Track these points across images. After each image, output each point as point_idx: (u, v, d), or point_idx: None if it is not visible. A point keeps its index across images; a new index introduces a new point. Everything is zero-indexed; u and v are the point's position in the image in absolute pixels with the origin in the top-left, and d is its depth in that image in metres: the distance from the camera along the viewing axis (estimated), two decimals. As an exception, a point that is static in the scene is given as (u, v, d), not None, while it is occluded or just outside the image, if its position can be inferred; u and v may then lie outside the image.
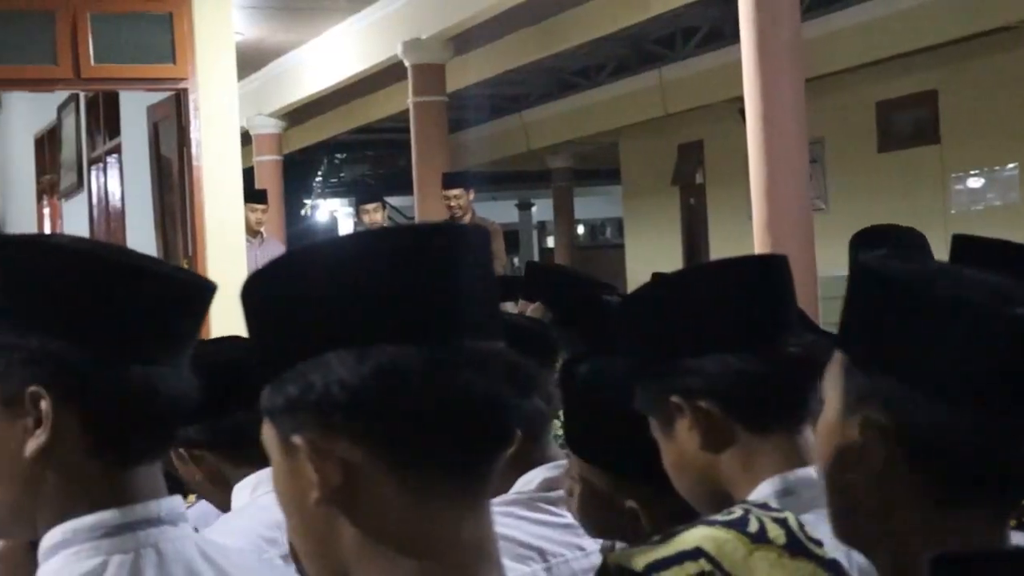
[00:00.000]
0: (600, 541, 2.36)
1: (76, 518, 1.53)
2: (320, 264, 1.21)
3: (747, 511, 1.57)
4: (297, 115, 16.91)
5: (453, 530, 1.18)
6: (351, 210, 25.40)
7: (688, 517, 2.16)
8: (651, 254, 17.64)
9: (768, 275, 2.03)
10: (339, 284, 1.18)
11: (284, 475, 1.23)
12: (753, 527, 1.53)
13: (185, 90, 8.32)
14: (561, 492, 2.39)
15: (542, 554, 2.43)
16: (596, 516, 2.22)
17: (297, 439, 1.18)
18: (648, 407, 2.02)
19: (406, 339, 1.16)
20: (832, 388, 1.42)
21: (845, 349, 1.41)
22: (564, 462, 2.44)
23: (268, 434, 1.23)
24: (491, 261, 1.26)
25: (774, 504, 1.71)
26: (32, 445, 1.51)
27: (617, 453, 2.18)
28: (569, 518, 2.38)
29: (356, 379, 1.15)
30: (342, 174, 24.03)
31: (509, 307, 4.94)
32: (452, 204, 9.86)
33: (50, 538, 1.54)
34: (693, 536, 1.52)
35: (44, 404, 1.51)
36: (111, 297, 1.53)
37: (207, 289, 1.62)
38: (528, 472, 2.51)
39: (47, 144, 12.83)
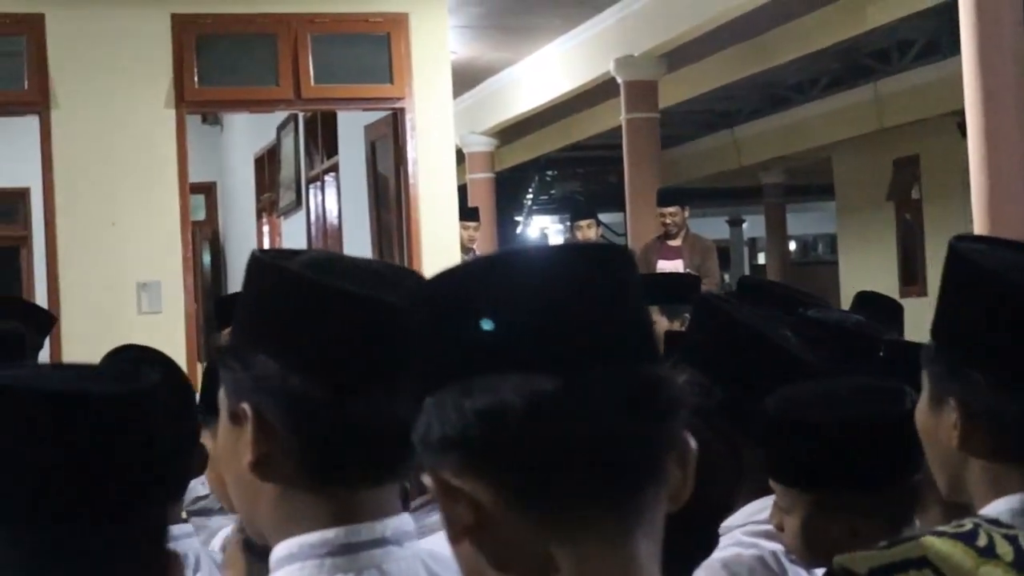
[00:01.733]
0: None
1: (299, 534, 1.54)
2: (432, 295, 1.18)
3: (977, 525, 1.53)
4: (509, 133, 17.03)
5: (595, 569, 1.13)
6: (561, 227, 25.47)
7: (907, 524, 2.12)
8: (865, 271, 17.33)
9: None
10: (451, 313, 1.14)
11: (440, 510, 1.18)
12: (982, 541, 1.49)
13: (402, 109, 8.45)
14: None
15: None
16: (814, 543, 2.18)
17: (427, 479, 1.15)
18: (929, 371, 1.90)
19: (514, 370, 1.10)
20: None
21: None
22: None
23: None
24: (629, 277, 1.18)
25: (1007, 521, 1.66)
26: (246, 459, 1.54)
27: (825, 471, 2.15)
28: None
29: (462, 417, 1.10)
30: (552, 191, 24.11)
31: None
32: (667, 221, 9.79)
33: (279, 551, 1.56)
34: (920, 544, 1.49)
35: (255, 422, 1.53)
36: (331, 326, 1.51)
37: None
38: (759, 499, 2.43)
39: (267, 163, 13.13)
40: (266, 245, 13.20)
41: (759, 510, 2.38)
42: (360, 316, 1.51)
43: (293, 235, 12.32)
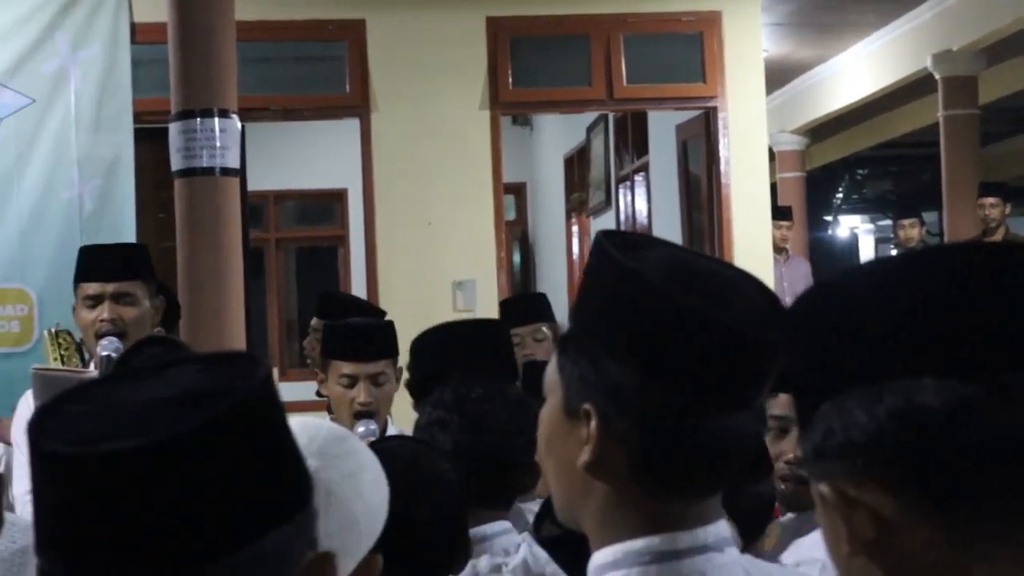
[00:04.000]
0: None
1: (622, 539, 1.55)
2: (839, 293, 1.13)
3: None
4: (820, 131, 16.75)
5: None
6: (871, 226, 24.96)
7: None
8: None
9: None
10: (858, 314, 1.09)
11: (822, 524, 1.15)
12: None
13: (714, 108, 8.40)
14: None
15: None
16: None
17: (823, 488, 1.10)
18: None
19: (930, 373, 1.04)
20: None
21: None
22: None
23: (812, 485, 1.15)
24: None
25: None
26: (580, 459, 1.54)
27: None
28: None
29: (873, 422, 1.05)
30: (864, 190, 23.64)
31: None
32: (987, 213, 9.55)
33: (600, 557, 1.57)
34: None
35: (593, 424, 1.53)
36: (695, 347, 1.50)
37: (770, 347, 1.51)
38: None
39: (576, 163, 13.23)
40: (575, 245, 13.30)
41: None
42: (723, 340, 1.50)
43: (602, 235, 12.36)
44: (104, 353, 3.86)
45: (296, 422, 1.80)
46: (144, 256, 4.34)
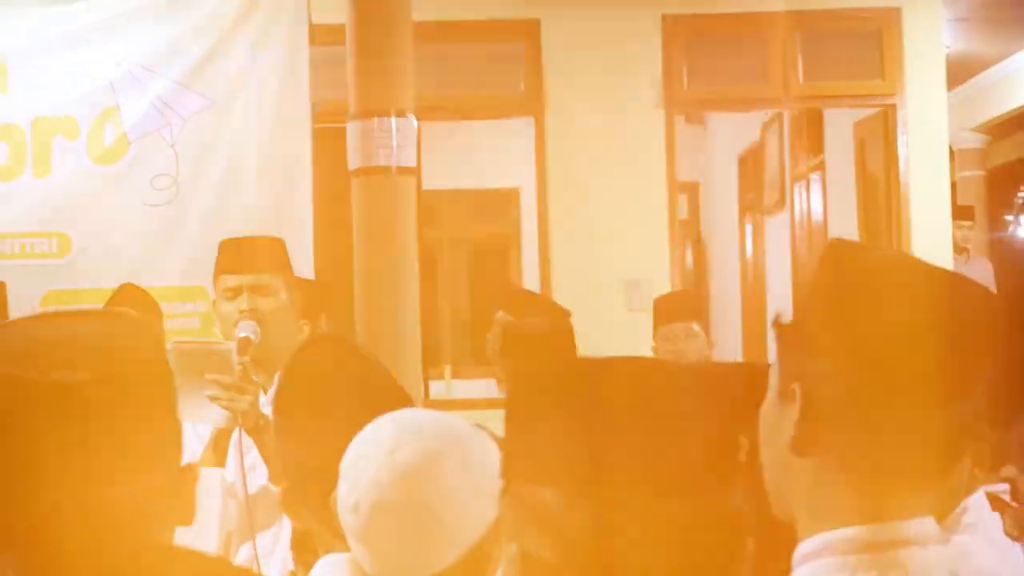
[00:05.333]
0: None
1: (826, 528, 1.56)
2: None
3: None
4: (1001, 129, 16.41)
5: None
6: (1055, 227, 24.39)
7: None
8: None
9: None
10: None
11: None
12: None
13: (893, 106, 8.29)
14: None
15: None
16: None
17: None
18: None
19: None
20: None
21: None
22: None
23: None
24: None
25: None
26: (786, 437, 1.57)
27: None
28: None
29: None
30: (1043, 190, 23.10)
31: None
32: None
33: (804, 547, 1.58)
34: None
35: (802, 403, 1.56)
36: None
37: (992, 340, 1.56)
38: None
39: (750, 162, 13.12)
40: (748, 245, 13.19)
41: None
42: (949, 327, 1.51)
43: (776, 235, 12.26)
44: (242, 334, 3.91)
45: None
46: (281, 249, 4.39)
